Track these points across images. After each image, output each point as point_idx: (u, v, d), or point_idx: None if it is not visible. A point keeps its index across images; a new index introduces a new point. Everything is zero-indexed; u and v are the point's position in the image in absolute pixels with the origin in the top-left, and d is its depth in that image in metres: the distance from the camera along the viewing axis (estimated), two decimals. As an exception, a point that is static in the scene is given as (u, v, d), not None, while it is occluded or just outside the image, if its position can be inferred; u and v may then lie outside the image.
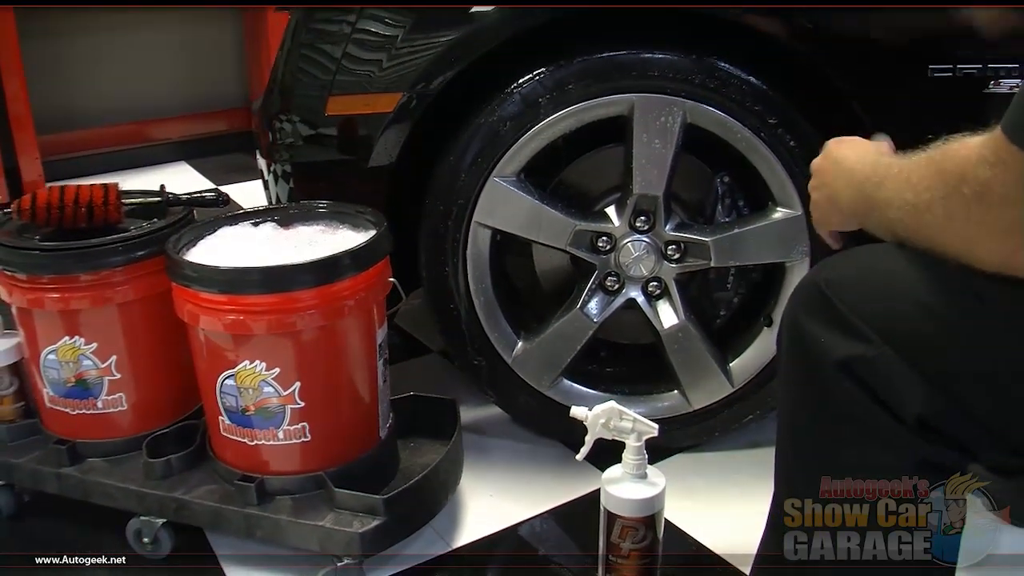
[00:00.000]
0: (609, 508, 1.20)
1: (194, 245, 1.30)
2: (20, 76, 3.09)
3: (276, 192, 1.61)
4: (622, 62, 1.38)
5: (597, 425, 1.21)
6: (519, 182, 1.45)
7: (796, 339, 0.84)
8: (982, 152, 0.70)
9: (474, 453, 1.56)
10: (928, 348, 0.76)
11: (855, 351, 0.77)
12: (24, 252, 1.30)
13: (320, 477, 1.28)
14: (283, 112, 1.53)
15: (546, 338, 1.53)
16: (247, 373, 1.22)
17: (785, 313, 0.88)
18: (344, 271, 1.21)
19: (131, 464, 1.38)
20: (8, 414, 1.46)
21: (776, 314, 1.49)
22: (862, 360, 0.77)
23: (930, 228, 0.76)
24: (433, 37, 1.39)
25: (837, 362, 0.79)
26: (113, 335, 1.34)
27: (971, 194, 0.71)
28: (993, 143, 0.70)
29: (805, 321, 0.83)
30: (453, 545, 1.40)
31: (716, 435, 1.59)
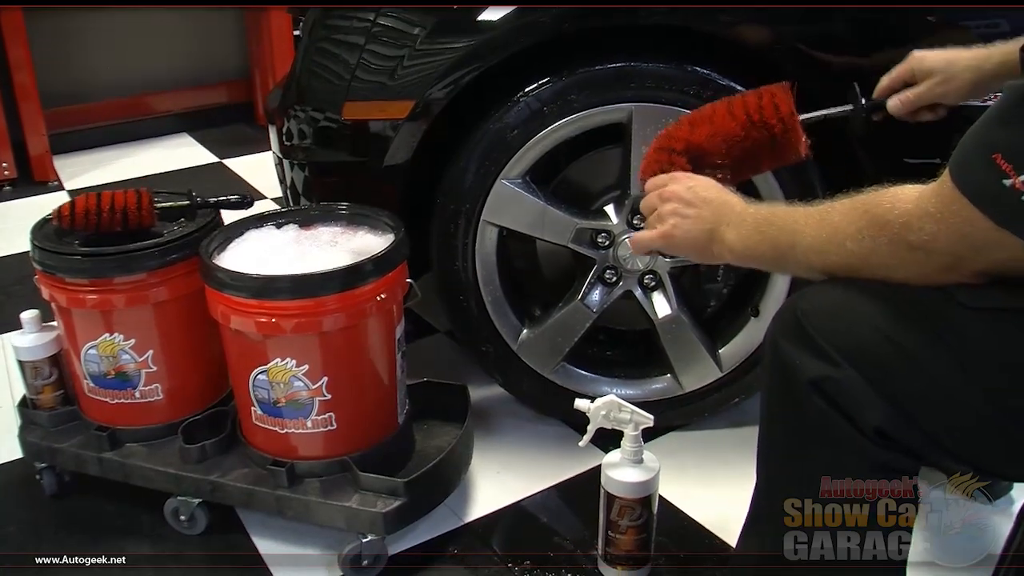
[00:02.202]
0: (609, 490, 1.33)
1: (224, 248, 1.40)
2: (25, 50, 3.13)
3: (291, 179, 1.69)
4: (621, 73, 1.47)
5: (598, 416, 1.33)
6: (525, 184, 1.55)
7: (776, 359, 0.96)
8: (927, 207, 0.82)
9: (481, 432, 1.68)
10: (885, 371, 0.87)
11: (824, 372, 0.89)
12: (66, 257, 1.40)
13: (345, 461, 1.40)
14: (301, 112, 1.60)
15: (549, 327, 1.64)
16: (279, 369, 1.33)
17: (767, 335, 0.98)
18: (367, 276, 1.31)
19: (167, 448, 1.49)
20: (48, 402, 1.56)
21: (762, 305, 1.61)
22: (830, 380, 0.89)
23: (874, 270, 0.88)
24: (445, 48, 1.47)
25: (809, 381, 0.90)
26: (149, 331, 1.45)
27: (917, 242, 0.83)
28: (939, 198, 0.81)
29: (783, 344, 0.94)
30: (465, 519, 1.53)
31: (705, 416, 1.71)
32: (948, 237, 0.81)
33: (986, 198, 0.77)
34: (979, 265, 0.83)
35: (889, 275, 0.88)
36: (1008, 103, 0.78)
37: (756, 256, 0.99)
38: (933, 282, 0.85)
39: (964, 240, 0.80)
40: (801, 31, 1.43)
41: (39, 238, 1.44)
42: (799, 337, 0.91)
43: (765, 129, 1.06)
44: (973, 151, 0.79)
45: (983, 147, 0.78)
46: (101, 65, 3.60)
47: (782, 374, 0.94)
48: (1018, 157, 0.75)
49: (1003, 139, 0.77)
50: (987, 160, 0.77)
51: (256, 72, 3.80)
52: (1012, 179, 0.75)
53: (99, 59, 3.59)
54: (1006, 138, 0.77)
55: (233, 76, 3.88)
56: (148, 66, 3.69)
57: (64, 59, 3.50)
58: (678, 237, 1.04)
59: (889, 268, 0.87)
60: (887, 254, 0.86)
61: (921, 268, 0.85)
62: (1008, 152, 0.76)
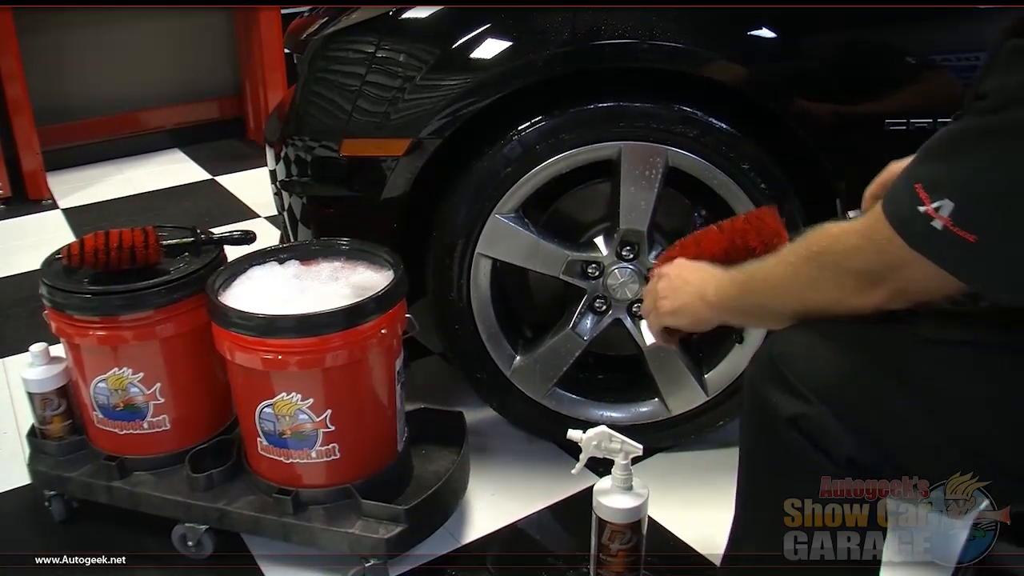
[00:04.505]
0: (600, 515, 1.39)
1: (230, 286, 1.45)
2: (18, 66, 3.16)
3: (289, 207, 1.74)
4: (611, 113, 1.53)
5: (590, 446, 1.39)
6: (518, 218, 1.61)
7: (755, 398, 1.03)
8: (856, 226, 0.92)
9: (476, 454, 1.73)
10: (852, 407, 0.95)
11: (799, 409, 0.96)
12: (76, 295, 1.44)
13: (348, 489, 1.45)
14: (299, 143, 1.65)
15: (541, 354, 1.70)
16: (284, 403, 1.39)
17: (746, 376, 1.06)
18: (369, 314, 1.37)
19: (175, 476, 1.54)
20: (57, 431, 1.61)
21: (747, 333, 1.67)
22: (804, 417, 0.96)
23: (814, 293, 0.97)
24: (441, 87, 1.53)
25: (786, 418, 0.97)
26: (157, 365, 1.50)
27: (843, 255, 0.93)
28: (868, 219, 0.90)
29: (760, 385, 1.01)
30: (461, 541, 1.59)
31: (692, 438, 1.78)
32: (869, 254, 0.90)
33: (902, 221, 0.86)
34: (898, 283, 0.90)
35: (822, 296, 0.96)
36: (937, 142, 0.87)
37: (732, 306, 1.08)
38: (862, 304, 0.93)
39: (882, 257, 0.89)
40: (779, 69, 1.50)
41: (48, 276, 1.49)
42: (775, 378, 0.99)
43: (747, 251, 1.17)
44: (902, 181, 0.88)
45: (910, 178, 0.87)
46: (94, 81, 3.64)
47: (761, 413, 1.01)
48: (934, 188, 0.84)
49: (925, 172, 0.86)
50: (910, 189, 0.86)
51: (247, 87, 3.84)
52: (926, 206, 0.84)
53: (92, 75, 3.63)
54: (928, 171, 0.86)
55: (224, 91, 3.92)
56: (140, 82, 3.73)
57: (57, 75, 3.53)
58: (670, 306, 1.14)
59: (820, 289, 0.96)
60: (819, 276, 0.95)
61: (848, 285, 0.93)
62: (927, 182, 0.85)
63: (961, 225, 0.82)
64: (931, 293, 0.91)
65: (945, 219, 0.83)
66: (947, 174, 0.84)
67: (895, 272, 0.89)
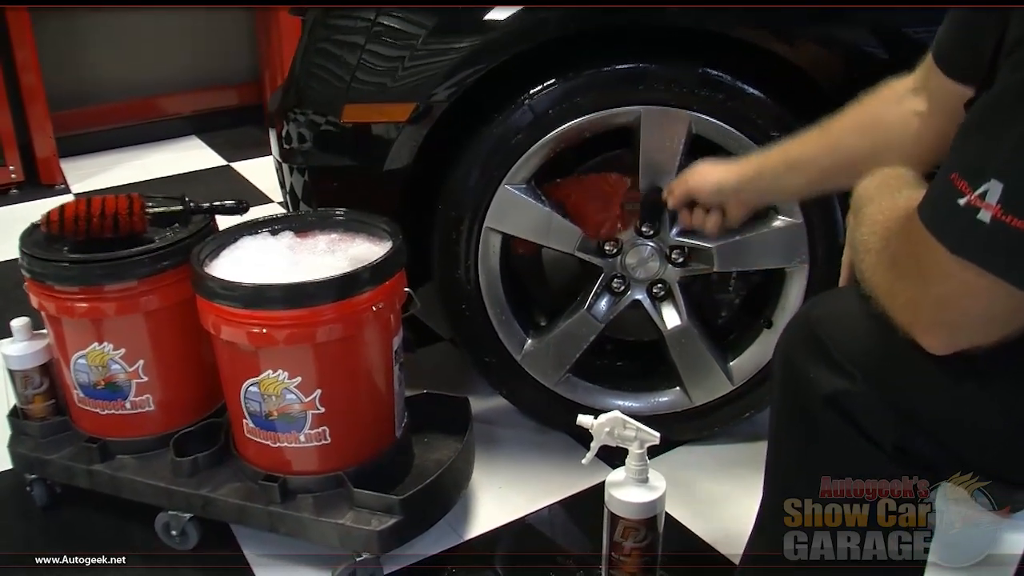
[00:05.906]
0: (613, 510, 1.27)
1: (217, 256, 1.36)
2: (32, 52, 3.13)
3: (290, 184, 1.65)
4: (629, 75, 1.41)
5: (602, 433, 1.27)
6: (529, 189, 1.50)
7: (787, 371, 0.91)
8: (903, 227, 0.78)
9: (483, 444, 1.63)
10: (902, 386, 0.82)
11: (840, 386, 0.84)
12: (54, 264, 1.36)
13: (340, 476, 1.35)
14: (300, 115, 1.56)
15: (554, 337, 1.59)
16: (270, 381, 1.29)
17: (778, 346, 0.93)
18: (363, 285, 1.26)
19: (159, 461, 1.45)
20: (39, 412, 1.53)
21: (776, 317, 1.55)
22: (846, 395, 0.83)
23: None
24: (447, 49, 1.42)
25: (824, 396, 0.85)
26: (140, 341, 1.41)
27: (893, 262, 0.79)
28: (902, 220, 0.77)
29: (796, 356, 0.89)
30: (464, 536, 1.48)
31: (716, 430, 1.65)
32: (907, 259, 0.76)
33: (940, 222, 0.72)
34: (945, 313, 0.75)
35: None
36: (968, 120, 0.74)
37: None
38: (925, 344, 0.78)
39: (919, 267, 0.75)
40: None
41: (28, 245, 1.40)
42: (812, 347, 0.86)
43: None
44: (936, 182, 0.74)
45: (944, 172, 0.73)
46: (109, 67, 3.59)
47: (795, 390, 0.89)
48: (975, 172, 0.69)
49: (958, 159, 0.72)
50: (946, 182, 0.71)
51: (266, 74, 3.78)
52: (967, 196, 0.69)
53: (107, 61, 3.59)
54: (962, 157, 0.72)
55: (243, 78, 3.87)
56: (156, 68, 3.68)
57: (71, 61, 3.49)
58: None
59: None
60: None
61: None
62: (964, 169, 0.70)
63: (1015, 211, 0.67)
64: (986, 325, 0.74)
65: (994, 207, 0.67)
66: (989, 151, 0.69)
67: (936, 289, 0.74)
